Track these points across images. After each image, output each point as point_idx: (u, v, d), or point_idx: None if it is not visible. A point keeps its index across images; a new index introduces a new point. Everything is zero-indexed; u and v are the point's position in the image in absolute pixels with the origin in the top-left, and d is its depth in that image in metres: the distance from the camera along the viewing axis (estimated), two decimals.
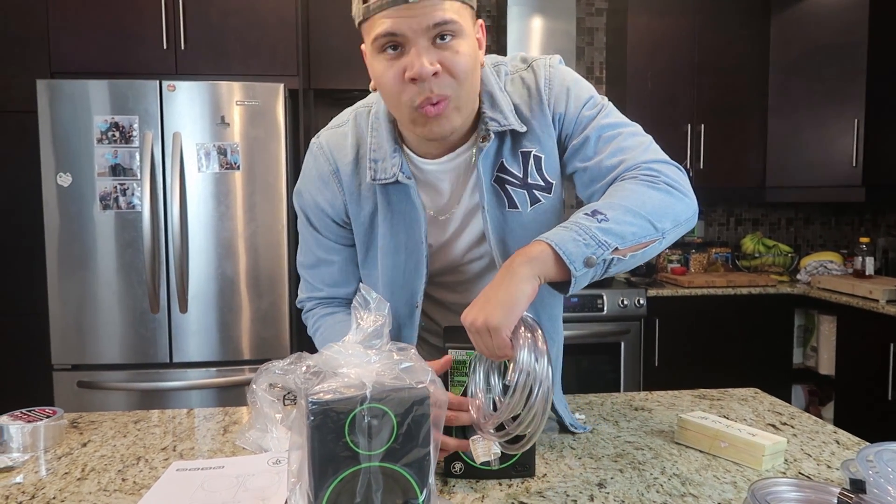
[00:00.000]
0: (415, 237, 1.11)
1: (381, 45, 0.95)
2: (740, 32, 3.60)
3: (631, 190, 1.00)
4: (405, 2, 0.91)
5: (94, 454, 1.14)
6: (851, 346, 3.17)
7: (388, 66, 0.96)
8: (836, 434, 1.22)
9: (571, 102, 1.09)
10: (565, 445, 1.16)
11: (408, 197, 1.10)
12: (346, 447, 0.75)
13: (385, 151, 1.08)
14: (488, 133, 1.06)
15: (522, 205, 1.10)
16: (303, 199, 1.19)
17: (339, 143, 1.14)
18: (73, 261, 2.66)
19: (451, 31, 0.94)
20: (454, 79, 0.96)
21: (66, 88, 2.62)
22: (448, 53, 0.95)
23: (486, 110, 1.07)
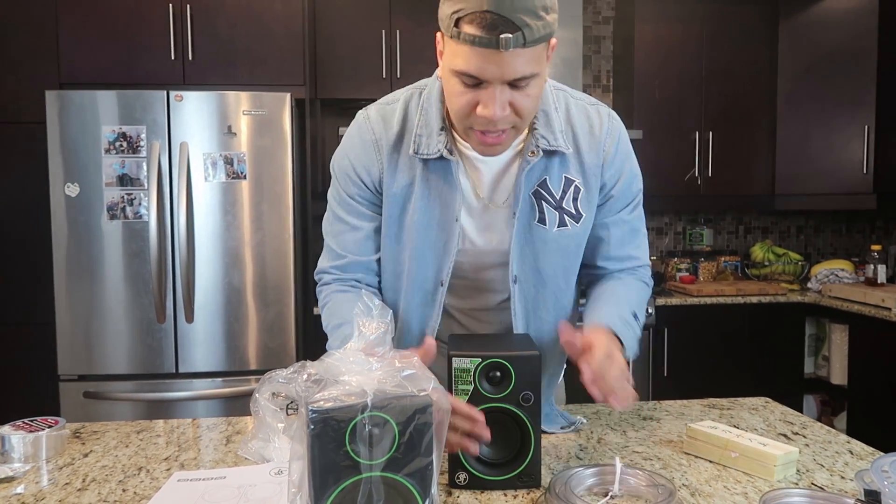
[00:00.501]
0: (449, 214, 1.15)
1: (462, 78, 0.99)
2: (749, 39, 3.59)
3: (645, 296, 1.26)
4: (496, 48, 0.94)
5: (96, 464, 1.13)
6: (864, 355, 3.12)
7: (462, 90, 1.01)
8: (849, 444, 1.20)
9: (628, 176, 1.22)
10: (572, 455, 1.15)
11: (448, 174, 1.13)
12: (347, 456, 0.74)
13: (432, 129, 1.12)
14: (538, 149, 1.12)
15: (550, 224, 1.16)
16: (341, 163, 1.21)
17: (386, 117, 1.18)
18: (80, 270, 2.66)
19: (531, 75, 0.99)
20: (519, 117, 1.02)
21: (74, 99, 2.63)
22: (520, 96, 1.00)
23: (538, 127, 1.13)
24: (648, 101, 3.55)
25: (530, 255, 1.17)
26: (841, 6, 3.47)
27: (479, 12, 0.93)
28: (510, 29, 0.93)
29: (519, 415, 0.97)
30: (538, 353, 0.99)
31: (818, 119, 3.54)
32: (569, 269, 1.22)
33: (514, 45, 0.94)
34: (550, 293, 1.21)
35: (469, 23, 0.94)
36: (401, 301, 1.21)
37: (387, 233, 1.19)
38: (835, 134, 3.51)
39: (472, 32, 0.94)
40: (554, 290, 1.21)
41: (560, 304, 1.23)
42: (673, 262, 3.78)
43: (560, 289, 1.22)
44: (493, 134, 1.03)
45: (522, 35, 0.94)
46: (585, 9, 3.79)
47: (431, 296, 1.19)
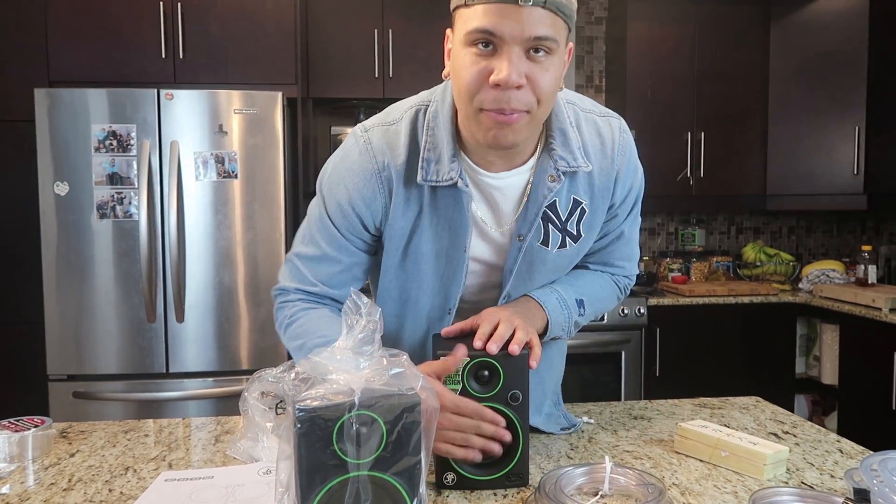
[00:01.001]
0: (458, 244, 1.08)
1: (474, 39, 0.91)
2: (740, 40, 3.60)
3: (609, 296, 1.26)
4: (515, 2, 0.87)
5: (82, 464, 1.12)
6: (854, 355, 3.14)
7: (474, 60, 0.92)
8: (839, 443, 1.20)
9: (635, 189, 1.17)
10: (562, 454, 1.14)
11: (458, 204, 1.05)
12: (334, 455, 0.73)
13: (441, 153, 1.03)
14: (558, 174, 1.05)
15: (553, 245, 1.11)
16: (333, 190, 1.10)
17: (391, 142, 1.07)
18: (69, 270, 2.65)
19: (548, 47, 0.91)
20: (535, 96, 0.93)
21: (64, 97, 2.61)
22: (538, 69, 0.91)
23: (556, 147, 1.05)
24: (641, 101, 3.56)
25: (526, 275, 1.13)
26: (832, 8, 3.49)
27: None
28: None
29: (507, 414, 0.97)
30: (526, 353, 0.99)
31: (809, 120, 3.56)
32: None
33: (534, 2, 0.87)
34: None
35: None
36: (406, 328, 1.17)
37: (390, 262, 1.12)
38: (826, 135, 3.53)
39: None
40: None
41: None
42: (665, 262, 3.78)
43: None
44: (505, 113, 0.92)
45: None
46: (578, 9, 3.78)
47: (438, 323, 1.14)
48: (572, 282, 1.19)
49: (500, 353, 0.97)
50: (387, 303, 1.15)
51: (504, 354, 0.97)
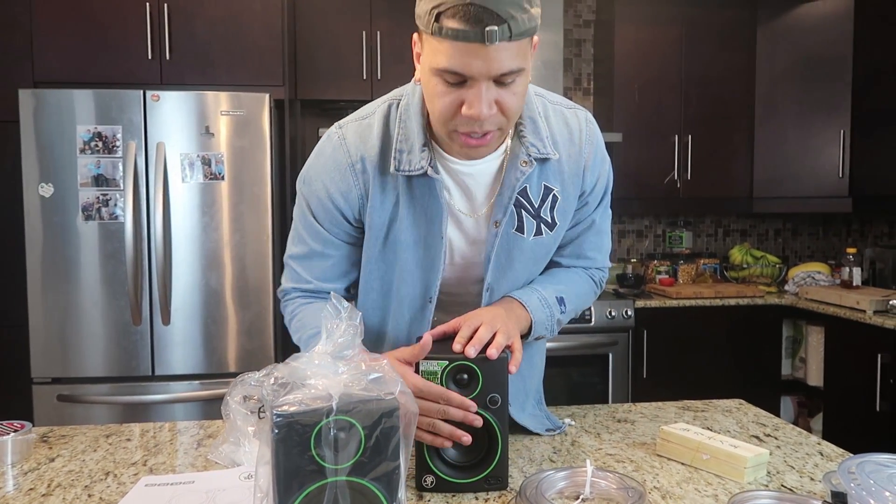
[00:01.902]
0: (435, 232, 1.11)
1: (444, 76, 0.94)
2: (727, 44, 3.62)
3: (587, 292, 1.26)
4: (482, 41, 0.89)
5: (62, 469, 1.11)
6: (839, 356, 3.16)
7: (444, 91, 0.95)
8: (819, 445, 1.20)
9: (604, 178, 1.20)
10: (545, 458, 1.14)
11: (432, 191, 1.09)
12: (312, 461, 0.73)
13: (412, 144, 1.07)
14: (530, 159, 1.09)
15: (528, 232, 1.14)
16: (311, 187, 1.14)
17: (363, 135, 1.11)
18: (54, 272, 2.63)
19: (516, 71, 0.94)
20: (505, 116, 0.98)
21: (49, 98, 2.59)
22: (506, 94, 0.95)
23: (527, 134, 1.09)
24: (628, 104, 3.57)
25: (505, 263, 1.15)
26: (817, 12, 3.51)
27: (461, 5, 0.88)
28: (495, 21, 0.88)
29: (486, 417, 0.97)
30: (506, 356, 0.99)
31: (795, 123, 3.58)
32: (535, 274, 1.21)
33: (499, 39, 0.89)
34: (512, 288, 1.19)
35: (451, 17, 0.89)
36: (389, 320, 1.18)
37: (371, 253, 1.14)
38: (811, 138, 3.56)
39: (454, 27, 0.89)
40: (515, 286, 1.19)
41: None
42: (653, 264, 3.80)
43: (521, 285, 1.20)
44: (477, 136, 0.98)
45: (508, 27, 0.89)
46: (566, 12, 3.80)
47: (420, 313, 1.16)
48: (550, 280, 1.21)
49: (478, 356, 0.97)
50: (369, 294, 1.18)
51: (483, 358, 0.97)
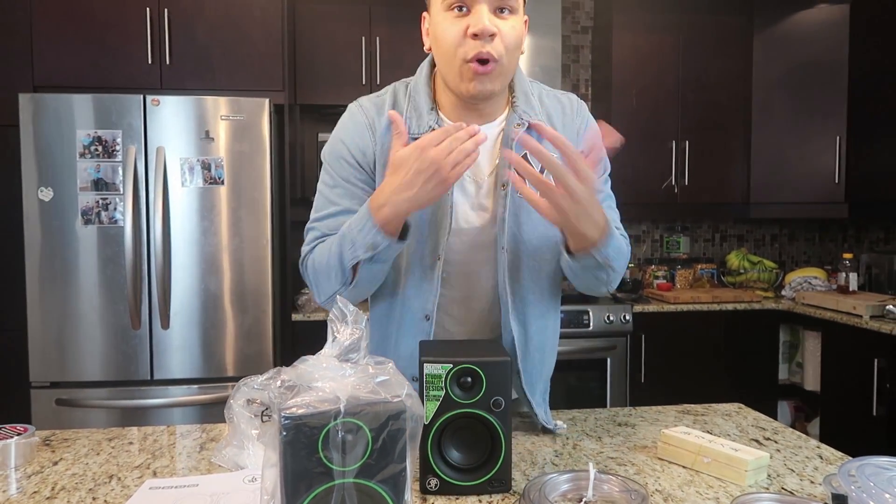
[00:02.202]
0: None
1: (450, 5, 1.12)
2: (724, 50, 3.64)
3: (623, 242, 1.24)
4: None
5: (66, 472, 1.11)
6: (836, 361, 3.17)
7: (453, 22, 1.12)
8: (819, 449, 1.21)
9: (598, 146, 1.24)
10: (547, 461, 1.15)
11: None
12: (320, 463, 0.73)
13: (420, 111, 1.21)
14: (523, 122, 1.21)
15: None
16: (335, 147, 1.25)
17: (377, 105, 1.25)
18: (53, 276, 2.63)
19: (511, 7, 1.12)
20: (505, 47, 1.12)
21: (49, 103, 2.60)
22: (504, 24, 1.12)
23: (519, 104, 1.23)
24: (626, 109, 3.59)
25: (514, 226, 1.22)
26: (813, 19, 3.54)
27: None
28: None
29: (490, 420, 0.98)
30: (508, 359, 1.00)
31: (792, 129, 3.61)
32: (551, 238, 1.23)
33: None
34: (533, 262, 1.25)
35: None
36: (401, 279, 1.24)
37: None
38: (808, 144, 3.58)
39: None
40: (537, 260, 1.25)
41: (542, 272, 1.26)
42: (650, 269, 3.81)
43: (543, 259, 1.25)
44: (484, 61, 1.10)
45: None
46: (564, 18, 3.82)
47: (430, 271, 1.22)
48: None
49: (482, 359, 0.98)
50: None
51: (486, 361, 0.98)
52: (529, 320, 1.27)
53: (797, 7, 3.57)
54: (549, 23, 3.45)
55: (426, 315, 1.23)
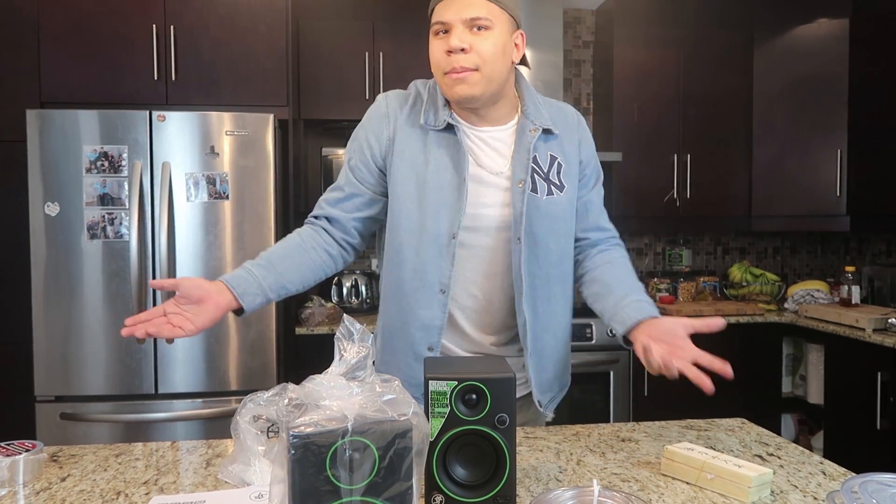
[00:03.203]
0: (459, 175, 1.35)
1: (436, 30, 1.31)
2: (724, 64, 3.67)
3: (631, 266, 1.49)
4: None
5: (74, 489, 1.12)
6: (839, 374, 3.17)
7: (437, 43, 1.31)
8: (822, 465, 1.22)
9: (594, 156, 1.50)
10: (551, 477, 1.16)
11: (456, 141, 1.36)
12: (328, 481, 0.74)
13: (438, 106, 1.37)
14: (537, 126, 1.38)
15: (541, 192, 1.38)
16: (356, 133, 1.45)
17: (400, 96, 1.43)
18: (58, 290, 2.64)
19: (484, 24, 1.28)
20: (479, 57, 1.28)
21: (55, 118, 2.62)
22: (478, 39, 1.28)
23: (530, 111, 1.40)
24: (627, 123, 3.61)
25: (529, 220, 1.37)
26: (813, 33, 3.57)
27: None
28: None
29: (494, 437, 0.99)
30: (512, 376, 1.01)
31: (793, 142, 3.62)
32: (558, 231, 1.41)
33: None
34: (542, 252, 1.39)
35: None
36: (418, 254, 1.38)
37: (403, 193, 1.37)
38: (809, 157, 3.59)
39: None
40: (544, 250, 1.40)
41: (550, 261, 1.41)
42: (653, 282, 3.82)
43: (550, 249, 1.40)
44: (457, 72, 1.27)
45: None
46: (566, 32, 3.86)
47: (446, 248, 1.36)
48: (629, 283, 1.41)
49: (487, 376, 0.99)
50: (398, 230, 1.39)
51: (491, 378, 0.99)
52: (538, 304, 1.41)
53: (797, 21, 3.59)
54: (550, 37, 3.48)
55: (441, 289, 1.37)
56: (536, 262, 1.39)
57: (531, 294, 1.39)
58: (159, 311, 1.24)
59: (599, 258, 1.48)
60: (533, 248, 1.38)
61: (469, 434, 0.99)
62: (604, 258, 1.48)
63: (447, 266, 1.36)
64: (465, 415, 0.99)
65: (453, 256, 1.36)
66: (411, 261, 1.38)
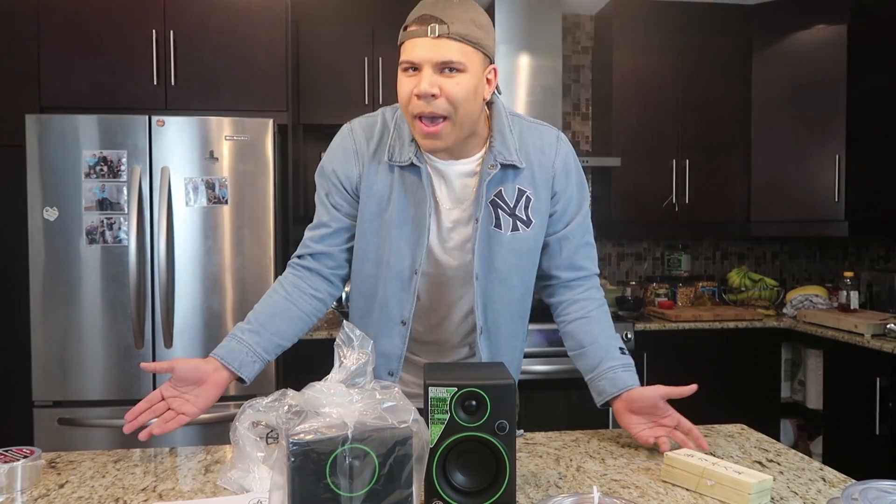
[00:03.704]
0: (421, 213, 1.33)
1: (404, 67, 1.24)
2: (723, 70, 3.68)
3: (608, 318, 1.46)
4: (426, 36, 1.20)
5: (72, 496, 1.12)
6: (838, 380, 3.17)
7: (405, 81, 1.24)
8: (822, 471, 1.22)
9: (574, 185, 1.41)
10: (551, 484, 1.15)
11: (419, 178, 1.32)
12: (328, 489, 0.74)
13: (404, 141, 1.32)
14: (496, 163, 1.31)
15: (505, 228, 1.35)
16: (324, 171, 1.40)
17: (368, 127, 1.37)
18: (57, 295, 2.64)
19: (456, 68, 1.21)
20: (450, 103, 1.21)
21: (55, 123, 2.62)
22: (449, 83, 1.21)
23: (496, 144, 1.32)
24: (626, 129, 3.62)
25: (488, 256, 1.35)
26: (811, 39, 3.58)
27: (418, 16, 1.22)
28: (439, 22, 1.19)
29: (494, 443, 0.98)
30: (512, 382, 1.01)
31: (791, 148, 3.63)
32: (522, 268, 1.39)
33: (440, 33, 1.19)
34: (506, 289, 1.38)
35: (411, 24, 1.23)
36: (380, 288, 1.38)
37: (369, 229, 1.36)
38: (807, 162, 3.60)
39: (412, 29, 1.22)
40: (508, 287, 1.38)
41: (514, 298, 1.40)
42: (651, 287, 3.82)
43: (514, 286, 1.39)
44: (428, 119, 1.22)
45: (448, 27, 1.19)
46: (565, 38, 3.86)
47: (408, 283, 1.36)
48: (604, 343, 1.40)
49: (487, 382, 0.99)
50: (364, 263, 1.39)
51: (491, 385, 0.99)
52: (500, 340, 1.41)
53: (795, 28, 3.60)
54: (549, 43, 3.49)
55: (402, 321, 1.37)
56: (500, 300, 1.38)
57: (494, 331, 1.39)
58: (157, 396, 1.24)
59: (574, 310, 1.44)
60: (496, 285, 1.36)
61: (469, 440, 0.99)
62: (578, 310, 1.43)
63: (409, 300, 1.36)
64: (464, 421, 0.99)
65: (415, 291, 1.35)
66: (374, 292, 1.38)
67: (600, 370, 1.37)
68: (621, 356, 1.38)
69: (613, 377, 1.35)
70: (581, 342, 1.41)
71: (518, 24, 3.44)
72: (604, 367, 1.36)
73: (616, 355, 1.38)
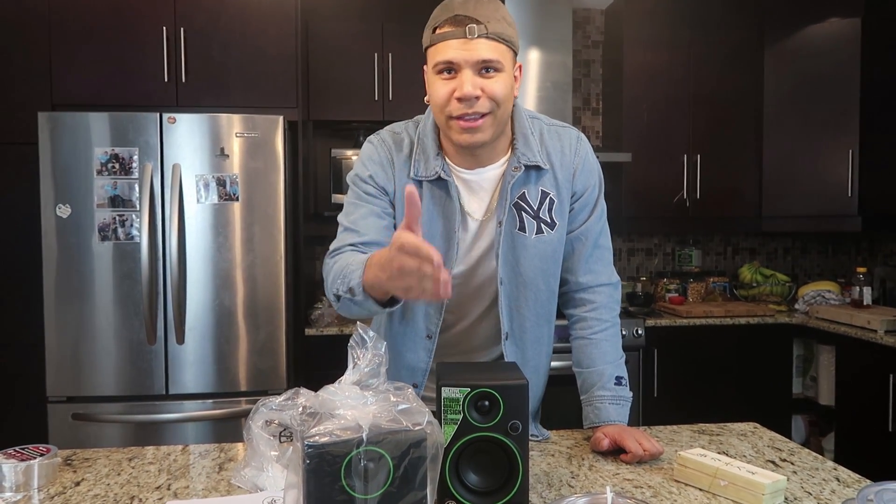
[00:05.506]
0: (450, 227, 1.32)
1: (440, 69, 1.22)
2: (734, 65, 3.65)
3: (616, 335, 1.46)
4: (464, 37, 1.19)
5: (88, 493, 1.13)
6: (851, 376, 3.15)
7: (442, 84, 1.22)
8: (836, 471, 1.21)
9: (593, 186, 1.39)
10: (563, 483, 1.15)
11: (447, 192, 1.31)
12: (343, 491, 0.74)
13: (429, 155, 1.31)
14: (520, 165, 1.31)
15: (529, 231, 1.34)
16: (359, 177, 1.34)
17: (397, 141, 1.36)
18: (70, 291, 2.66)
19: (494, 67, 1.21)
20: (493, 101, 1.21)
21: (67, 121, 2.64)
22: (489, 82, 1.21)
23: (518, 146, 1.32)
24: (637, 124, 3.60)
25: (512, 260, 1.34)
26: (824, 33, 3.54)
27: (451, 17, 1.21)
28: (475, 22, 1.19)
29: (507, 444, 0.99)
30: (525, 382, 1.01)
31: (803, 143, 3.60)
32: (547, 271, 1.38)
33: (478, 34, 1.18)
34: (531, 293, 1.37)
35: (443, 26, 1.22)
36: (408, 302, 1.31)
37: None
38: (820, 157, 3.57)
39: (445, 30, 1.21)
40: (534, 290, 1.37)
41: (539, 301, 1.38)
42: (662, 282, 3.81)
43: (539, 289, 1.38)
44: (471, 117, 1.21)
45: (486, 27, 1.19)
46: (575, 33, 3.84)
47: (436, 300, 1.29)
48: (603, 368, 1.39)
49: (500, 383, 0.99)
50: None
51: (504, 385, 0.99)
52: (526, 345, 1.39)
53: (808, 21, 3.57)
54: (559, 38, 3.47)
55: (428, 335, 1.37)
56: (526, 304, 1.37)
57: (519, 335, 1.38)
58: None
59: (578, 328, 1.43)
60: (521, 289, 1.36)
61: (482, 441, 0.99)
62: (583, 328, 1.42)
63: (436, 314, 1.35)
64: (477, 421, 0.99)
65: (443, 305, 1.34)
66: (402, 307, 1.30)
67: (589, 397, 1.38)
68: (615, 387, 1.37)
69: (599, 408, 1.36)
70: (580, 363, 1.42)
71: (528, 19, 3.43)
72: (593, 395, 1.37)
73: (609, 385, 1.37)
